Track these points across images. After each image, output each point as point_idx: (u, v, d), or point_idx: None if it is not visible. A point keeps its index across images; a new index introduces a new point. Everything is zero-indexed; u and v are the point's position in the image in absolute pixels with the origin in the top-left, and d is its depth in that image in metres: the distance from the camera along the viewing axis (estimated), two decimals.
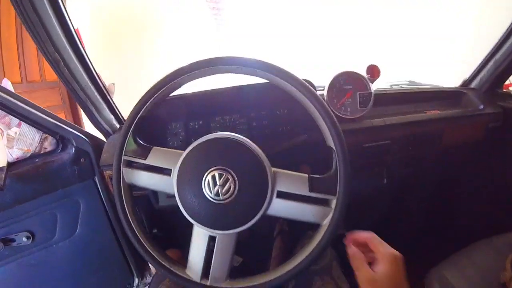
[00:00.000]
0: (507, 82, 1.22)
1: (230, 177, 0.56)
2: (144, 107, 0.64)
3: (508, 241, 0.94)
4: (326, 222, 0.58)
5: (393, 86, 1.19)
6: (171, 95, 0.67)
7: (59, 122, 0.90)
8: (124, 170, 0.65)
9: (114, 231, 1.00)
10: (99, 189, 0.95)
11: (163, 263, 0.64)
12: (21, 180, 0.87)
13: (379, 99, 0.96)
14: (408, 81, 1.27)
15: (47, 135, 0.94)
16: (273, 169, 0.60)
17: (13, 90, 0.93)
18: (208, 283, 0.62)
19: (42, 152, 0.95)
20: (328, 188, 0.58)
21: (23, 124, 0.91)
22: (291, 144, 0.81)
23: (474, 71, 1.22)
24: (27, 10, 0.71)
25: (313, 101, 0.59)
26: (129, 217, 0.65)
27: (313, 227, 0.61)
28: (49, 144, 0.96)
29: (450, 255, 0.92)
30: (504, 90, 1.22)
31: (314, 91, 0.59)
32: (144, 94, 0.64)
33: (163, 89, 0.63)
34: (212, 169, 0.57)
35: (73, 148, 0.92)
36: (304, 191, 0.58)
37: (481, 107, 1.13)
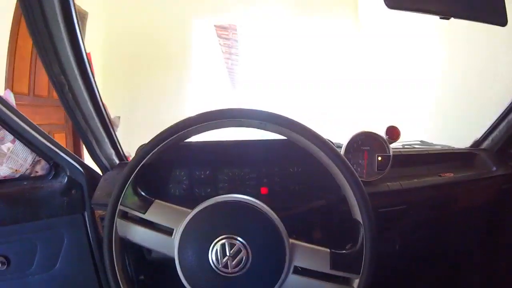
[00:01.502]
0: None
1: (242, 247, 0.50)
2: (151, 153, 0.58)
3: None
4: None
5: (405, 146, 1.16)
6: None
7: (55, 147, 0.84)
8: (119, 221, 0.58)
9: (97, 274, 0.91)
10: (87, 226, 0.87)
11: None
12: (4, 201, 0.81)
13: (395, 160, 0.92)
14: (420, 141, 1.25)
15: (40, 158, 0.88)
16: (291, 240, 0.54)
17: (14, 103, 0.88)
18: None
19: (32, 175, 0.89)
20: (351, 267, 0.53)
21: (17, 142, 0.85)
22: (307, 209, 0.74)
23: (486, 131, 1.20)
24: (37, 21, 0.66)
25: (343, 169, 0.55)
26: (117, 274, 0.58)
27: None
28: (41, 168, 0.90)
29: None
30: None
31: (344, 158, 0.55)
32: (149, 141, 0.58)
33: (175, 136, 0.57)
34: (222, 236, 0.51)
35: (66, 178, 0.86)
36: (325, 268, 0.52)
37: (494, 168, 1.10)
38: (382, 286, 1.06)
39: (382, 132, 0.87)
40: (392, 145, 1.12)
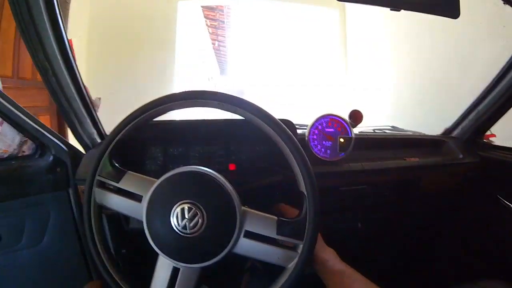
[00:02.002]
0: (488, 132, 1.25)
1: (199, 211, 0.57)
2: (123, 131, 0.64)
3: None
4: (291, 265, 0.59)
5: (376, 131, 1.22)
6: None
7: (41, 128, 0.89)
8: (96, 190, 0.64)
9: (81, 246, 0.98)
10: (72, 202, 0.93)
11: (124, 286, 0.63)
12: None
13: (360, 142, 0.98)
14: (391, 127, 1.30)
15: (27, 138, 0.93)
16: (243, 208, 0.60)
17: (1, 87, 0.93)
18: None
19: (20, 155, 0.94)
20: (296, 233, 0.58)
21: (5, 124, 0.89)
22: (266, 182, 0.81)
23: (456, 120, 1.26)
24: (23, 13, 0.72)
25: (288, 143, 0.60)
26: (95, 237, 0.64)
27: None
28: (28, 148, 0.95)
29: None
30: (484, 140, 1.25)
31: (290, 133, 0.61)
32: (125, 118, 0.64)
33: (144, 115, 0.63)
34: (182, 201, 0.57)
35: (51, 156, 0.91)
36: (272, 233, 0.58)
37: (461, 156, 1.15)
38: (346, 261, 1.12)
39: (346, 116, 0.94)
40: (363, 129, 1.19)
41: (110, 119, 0.97)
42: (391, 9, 0.72)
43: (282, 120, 0.84)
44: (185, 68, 5.20)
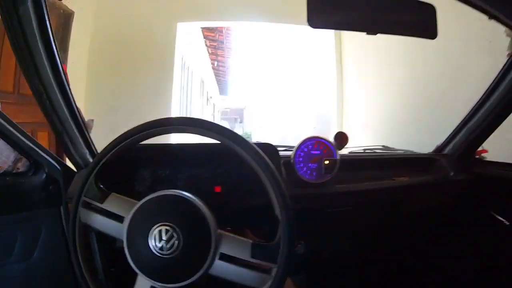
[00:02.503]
0: (480, 148, 1.23)
1: (175, 233, 0.59)
2: (109, 154, 0.67)
3: None
4: None
5: (366, 151, 1.23)
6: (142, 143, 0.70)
7: (35, 146, 0.92)
8: (82, 210, 0.67)
9: (72, 264, 0.99)
10: (63, 219, 0.96)
11: None
12: None
13: (349, 163, 0.99)
14: (382, 146, 1.31)
15: (22, 156, 0.96)
16: (219, 231, 0.62)
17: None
18: None
19: (14, 171, 0.96)
20: (270, 257, 0.60)
21: (1, 141, 0.93)
22: (249, 205, 0.82)
23: (448, 137, 1.25)
24: (19, 40, 0.76)
25: (262, 166, 0.62)
26: (79, 256, 0.67)
27: None
28: (22, 165, 0.98)
29: None
30: (476, 156, 1.24)
31: (267, 159, 0.63)
32: (112, 141, 0.67)
33: (130, 139, 0.66)
34: (160, 224, 0.60)
35: (44, 174, 0.94)
36: (246, 256, 0.60)
37: (452, 173, 1.14)
38: (334, 284, 1.12)
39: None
40: (354, 149, 1.20)
41: (108, 138, 1.00)
42: (367, 33, 0.73)
43: (263, 144, 0.87)
44: (184, 88, 5.27)
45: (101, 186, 0.68)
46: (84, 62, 3.28)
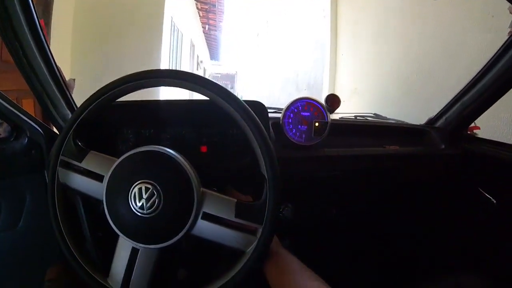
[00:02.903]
0: (472, 124, 1.22)
1: (156, 191, 0.55)
2: (87, 110, 0.62)
3: (454, 281, 0.94)
4: (249, 250, 0.57)
5: (358, 118, 1.20)
6: (124, 100, 0.66)
7: (16, 110, 0.87)
8: (60, 170, 0.63)
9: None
10: (47, 183, 0.92)
11: (85, 267, 0.62)
12: None
13: (339, 128, 0.96)
14: (374, 114, 1.28)
15: (2, 121, 0.91)
16: (202, 189, 0.58)
17: None
18: None
19: None
20: (255, 217, 0.57)
21: None
22: (235, 165, 0.79)
23: (441, 110, 1.23)
24: None
25: (249, 122, 0.58)
26: (58, 217, 0.64)
27: None
28: (3, 130, 0.93)
29: None
30: (468, 132, 1.23)
31: (253, 114, 0.59)
32: (90, 96, 0.62)
33: (107, 94, 0.62)
34: (140, 181, 0.56)
35: (26, 139, 0.89)
36: (230, 216, 0.57)
37: (443, 146, 1.12)
38: (318, 249, 1.11)
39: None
40: (345, 115, 1.17)
41: None
42: None
43: (252, 101, 0.83)
44: (173, 51, 5.12)
45: (80, 144, 0.64)
46: (69, 23, 3.11)
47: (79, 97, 0.96)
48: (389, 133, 1.14)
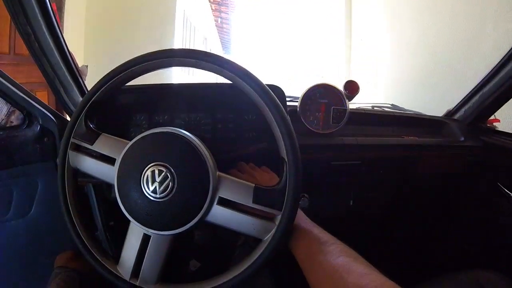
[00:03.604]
0: (492, 117, 1.16)
1: (169, 174, 0.50)
2: (99, 91, 0.58)
3: (473, 278, 0.88)
4: (267, 238, 0.52)
5: (375, 108, 1.14)
6: (137, 84, 0.62)
7: (28, 97, 0.85)
8: (71, 153, 0.59)
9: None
10: None
11: (95, 254, 0.58)
12: None
13: (358, 118, 0.91)
14: (391, 105, 1.22)
15: (14, 109, 0.89)
16: (219, 173, 0.54)
17: None
18: (137, 283, 0.55)
19: (7, 125, 0.90)
20: (274, 202, 0.52)
21: None
22: (251, 151, 0.74)
23: (459, 102, 1.17)
24: None
25: (269, 104, 0.53)
26: (68, 202, 0.60)
27: None
28: (15, 118, 0.91)
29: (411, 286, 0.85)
30: (488, 125, 1.16)
31: (273, 95, 0.53)
32: (101, 78, 0.58)
33: (120, 75, 0.57)
34: (153, 164, 0.51)
35: (38, 126, 0.87)
36: (247, 201, 0.51)
37: (462, 139, 1.07)
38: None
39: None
40: (361, 105, 1.11)
41: None
42: None
43: (271, 85, 0.77)
44: (186, 45, 5.06)
45: (91, 126, 0.60)
46: (82, 17, 3.09)
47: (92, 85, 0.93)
48: (407, 124, 1.09)
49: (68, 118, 0.91)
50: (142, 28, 3.53)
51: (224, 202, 0.52)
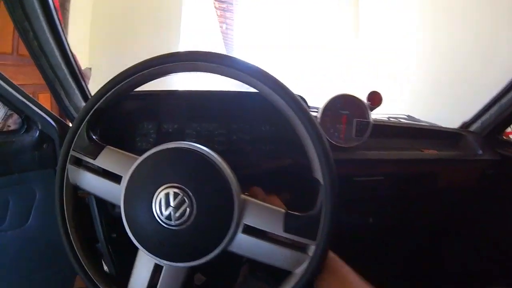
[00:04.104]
0: (508, 129, 1.12)
1: (187, 198, 0.43)
2: (103, 98, 0.50)
3: None
4: (299, 271, 0.45)
5: (391, 119, 1.07)
6: (144, 89, 0.54)
7: (27, 101, 0.77)
8: (70, 167, 0.51)
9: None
10: None
11: (98, 283, 0.50)
12: None
13: (375, 129, 0.84)
14: (407, 116, 1.15)
15: (12, 112, 0.81)
16: (243, 196, 0.46)
17: None
18: None
19: (4, 129, 0.83)
20: (307, 231, 0.44)
21: None
22: (271, 167, 0.66)
23: (476, 114, 1.11)
24: None
25: (305, 121, 0.45)
26: (67, 223, 0.52)
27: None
28: (13, 122, 0.84)
29: None
30: (504, 137, 1.12)
31: (308, 110, 0.46)
32: (106, 83, 0.50)
33: (128, 79, 0.49)
34: (167, 185, 0.44)
35: (38, 132, 0.79)
36: (278, 229, 0.44)
37: (480, 152, 1.01)
38: (352, 257, 1.00)
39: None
40: (377, 117, 1.04)
41: None
42: None
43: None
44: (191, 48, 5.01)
45: (94, 138, 0.52)
46: (87, 23, 3.01)
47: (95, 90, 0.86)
48: (424, 136, 1.03)
49: (70, 124, 0.83)
50: (148, 32, 3.45)
51: (250, 230, 0.45)
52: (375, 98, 0.77)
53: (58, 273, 0.93)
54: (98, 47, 2.90)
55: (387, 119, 1.06)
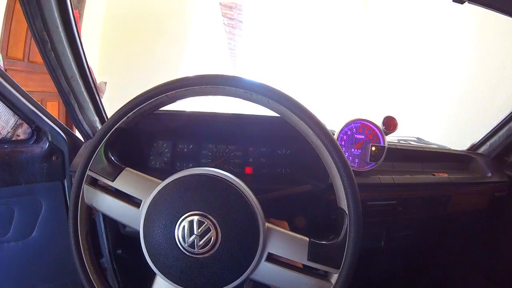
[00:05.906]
0: None
1: (212, 227, 0.42)
2: (124, 118, 0.50)
3: None
4: None
5: (401, 141, 1.07)
6: (160, 110, 0.54)
7: (38, 111, 0.76)
8: (86, 188, 0.50)
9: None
10: (66, 195, 0.80)
11: None
12: None
13: (387, 153, 0.84)
14: (416, 138, 1.15)
15: (22, 121, 0.80)
16: (267, 224, 0.45)
17: (2, 64, 0.79)
18: None
19: (13, 139, 0.81)
20: (331, 259, 0.45)
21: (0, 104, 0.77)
22: (290, 193, 0.66)
23: (484, 136, 1.12)
24: None
25: (333, 153, 0.46)
26: (81, 245, 0.51)
27: None
28: (23, 132, 0.82)
29: None
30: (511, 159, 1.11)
31: (336, 141, 0.46)
32: (128, 102, 0.50)
33: (153, 99, 0.49)
34: (191, 212, 0.43)
35: (47, 143, 0.78)
36: (302, 259, 0.44)
37: (489, 174, 1.02)
38: (363, 282, 0.99)
39: (378, 122, 0.79)
40: (388, 139, 1.04)
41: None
42: (453, 1, 0.58)
43: None
44: (197, 65, 5.03)
45: (113, 158, 0.51)
46: (97, 36, 3.03)
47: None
48: (435, 159, 1.03)
49: (80, 137, 0.82)
50: (158, 49, 3.47)
51: (273, 259, 0.45)
52: (390, 123, 0.77)
53: (61, 287, 0.91)
54: (107, 60, 2.91)
55: (397, 141, 1.06)
